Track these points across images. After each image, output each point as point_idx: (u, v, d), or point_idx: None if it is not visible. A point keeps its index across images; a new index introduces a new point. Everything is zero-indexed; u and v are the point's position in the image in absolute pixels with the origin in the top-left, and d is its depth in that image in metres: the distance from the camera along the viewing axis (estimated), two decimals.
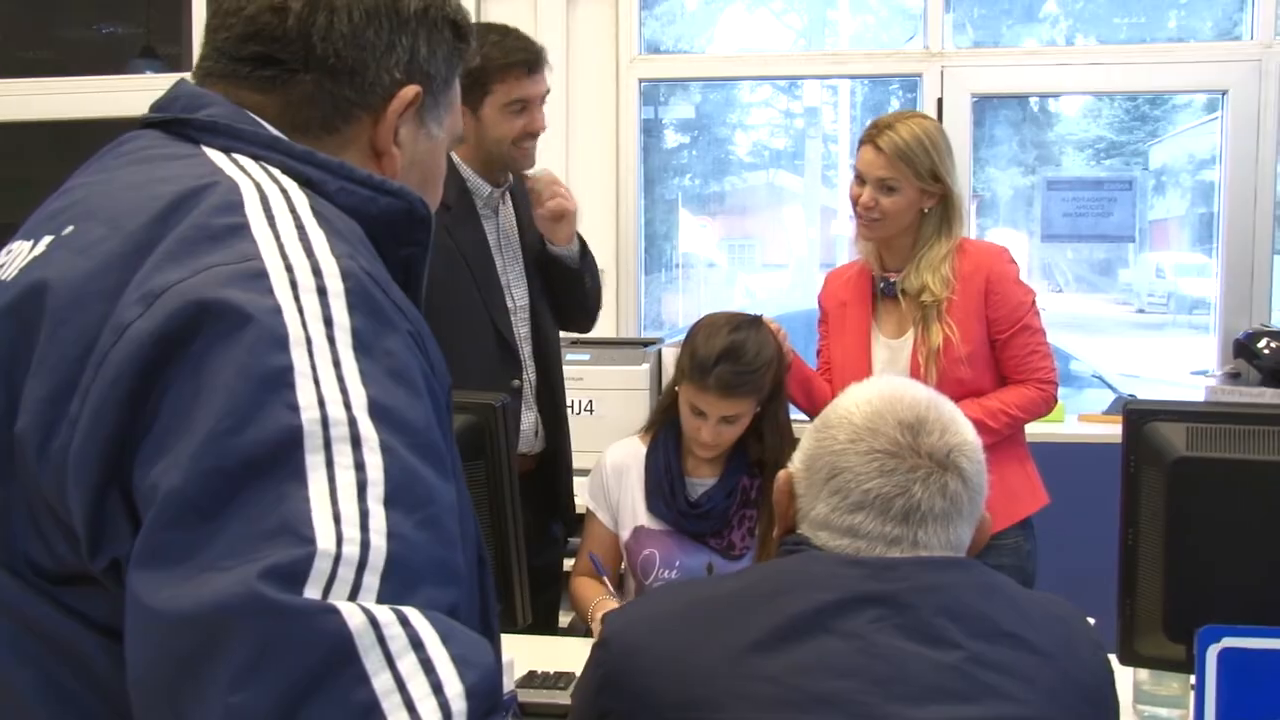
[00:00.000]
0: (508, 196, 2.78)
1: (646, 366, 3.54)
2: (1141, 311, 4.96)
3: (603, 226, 4.35)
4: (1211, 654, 1.53)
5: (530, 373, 2.73)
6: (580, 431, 3.03)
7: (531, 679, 2.06)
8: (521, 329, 2.72)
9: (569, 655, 2.10)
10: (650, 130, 4.83)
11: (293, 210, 0.94)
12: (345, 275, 0.89)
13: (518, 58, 2.56)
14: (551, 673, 2.07)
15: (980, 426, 2.59)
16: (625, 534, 2.46)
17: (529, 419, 2.72)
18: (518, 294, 2.73)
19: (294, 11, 1.04)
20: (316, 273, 0.89)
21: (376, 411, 0.85)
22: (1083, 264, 4.87)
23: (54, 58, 4.60)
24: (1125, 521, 1.72)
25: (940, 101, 4.18)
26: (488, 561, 1.17)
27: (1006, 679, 1.26)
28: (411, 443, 0.87)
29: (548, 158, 4.18)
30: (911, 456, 1.32)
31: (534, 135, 2.64)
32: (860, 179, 2.69)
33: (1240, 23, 4.23)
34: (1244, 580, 1.66)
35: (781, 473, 1.42)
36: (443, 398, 0.99)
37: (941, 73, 4.22)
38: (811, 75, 4.68)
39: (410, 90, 1.09)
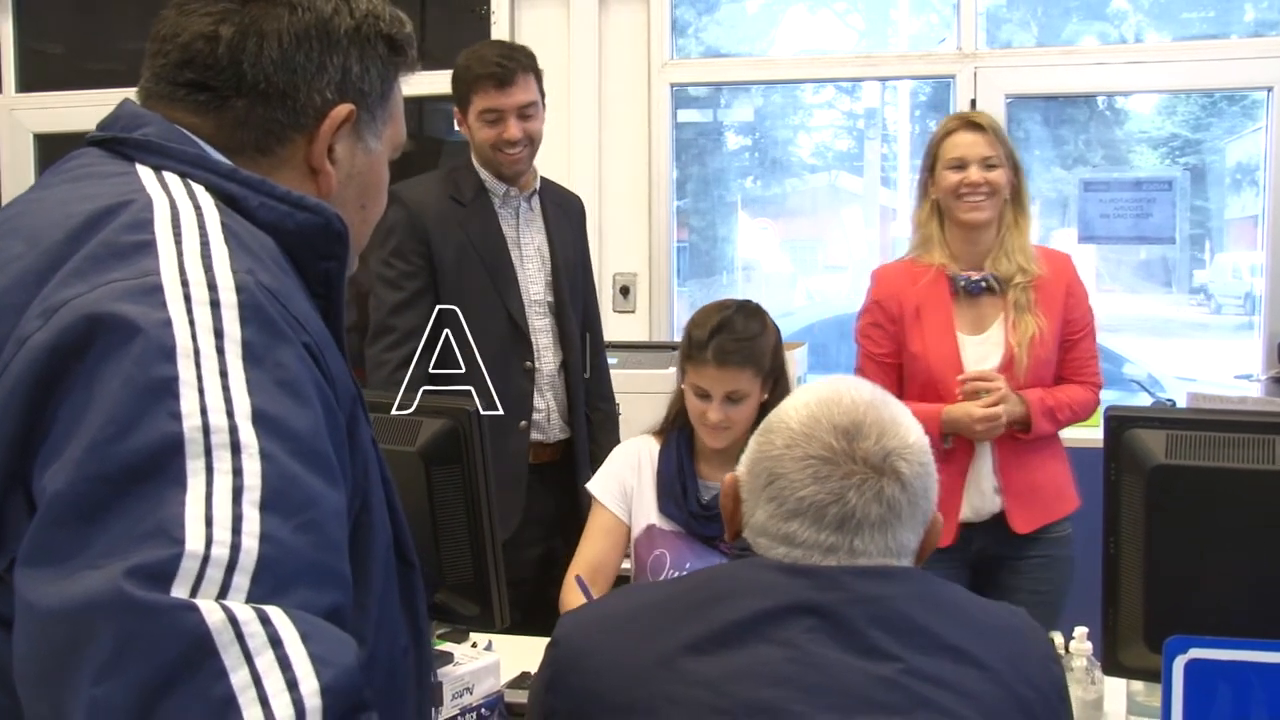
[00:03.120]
0: (536, 204, 2.93)
1: (673, 370, 3.52)
2: (1218, 312, 4.86)
3: (635, 231, 4.40)
4: (1178, 665, 1.50)
5: (550, 363, 2.89)
6: None
7: (524, 680, 2.06)
8: (539, 321, 2.88)
9: None
10: (710, 133, 4.84)
11: (201, 227, 0.98)
12: (240, 289, 0.93)
13: (486, 70, 2.73)
14: None
15: (1050, 416, 2.71)
16: (637, 530, 2.45)
17: (543, 405, 2.88)
18: (534, 289, 2.90)
19: (224, 39, 1.09)
20: (212, 286, 0.93)
21: (260, 419, 0.89)
22: (1155, 264, 4.77)
23: (119, 69, 4.68)
24: (1107, 531, 1.70)
25: (973, 103, 4.12)
26: (417, 565, 1.21)
27: (943, 692, 1.23)
28: (295, 449, 0.90)
29: (582, 162, 4.26)
30: (846, 463, 1.31)
31: (510, 144, 2.78)
32: (959, 164, 2.71)
33: None
34: (1223, 590, 1.62)
35: (728, 476, 1.42)
36: (342, 407, 1.02)
37: (974, 74, 4.17)
38: (845, 78, 4.67)
39: (343, 109, 1.13)
